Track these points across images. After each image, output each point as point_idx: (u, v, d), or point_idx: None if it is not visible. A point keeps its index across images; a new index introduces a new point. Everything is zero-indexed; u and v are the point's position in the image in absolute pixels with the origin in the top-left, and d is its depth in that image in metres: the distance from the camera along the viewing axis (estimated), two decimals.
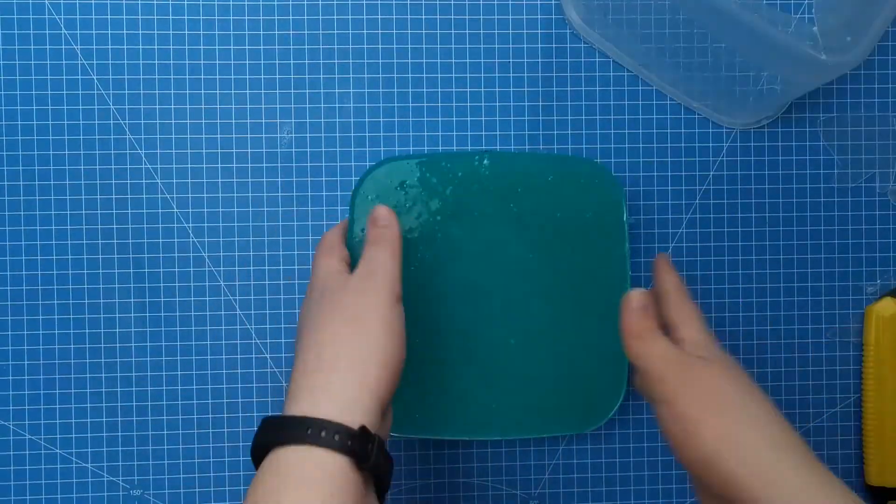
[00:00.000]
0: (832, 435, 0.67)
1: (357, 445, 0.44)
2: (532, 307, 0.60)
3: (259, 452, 0.46)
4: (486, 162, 0.60)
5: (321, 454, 0.44)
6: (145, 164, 0.63)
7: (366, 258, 0.53)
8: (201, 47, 0.63)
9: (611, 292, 0.59)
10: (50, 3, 0.62)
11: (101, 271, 0.63)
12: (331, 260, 0.54)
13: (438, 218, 0.60)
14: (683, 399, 0.47)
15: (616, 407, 0.61)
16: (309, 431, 0.44)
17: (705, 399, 0.47)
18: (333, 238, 0.57)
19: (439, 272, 0.60)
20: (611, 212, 0.61)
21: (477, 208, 0.60)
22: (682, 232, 0.66)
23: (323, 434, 0.44)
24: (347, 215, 0.61)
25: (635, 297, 0.51)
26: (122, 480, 0.63)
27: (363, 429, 0.45)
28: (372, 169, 0.60)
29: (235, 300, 0.64)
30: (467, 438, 0.61)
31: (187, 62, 0.63)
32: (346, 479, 0.44)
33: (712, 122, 0.66)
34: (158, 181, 0.63)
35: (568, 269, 0.61)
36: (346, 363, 0.47)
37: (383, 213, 0.55)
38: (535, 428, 0.61)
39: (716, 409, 0.47)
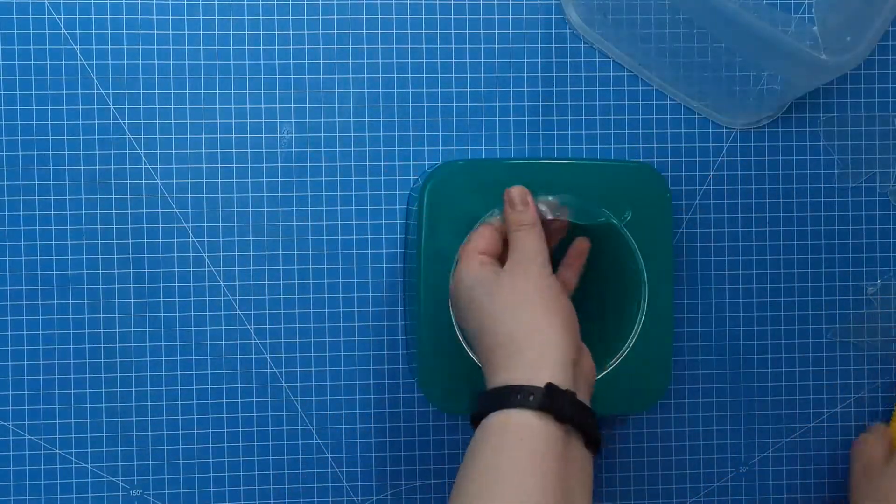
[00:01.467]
0: (832, 435, 0.67)
1: (548, 401, 0.50)
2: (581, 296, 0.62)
3: (476, 420, 0.52)
4: (547, 171, 0.61)
5: (520, 413, 0.50)
6: (145, 164, 0.63)
7: (515, 245, 0.56)
8: (201, 47, 0.63)
9: (656, 286, 0.61)
10: (50, 4, 0.62)
11: (101, 271, 0.63)
12: (472, 262, 0.56)
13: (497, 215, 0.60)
14: None
15: (664, 392, 0.63)
16: (507, 398, 0.50)
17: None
18: (468, 247, 0.57)
19: None
20: (659, 210, 0.61)
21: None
22: (682, 232, 0.66)
23: (518, 397, 0.50)
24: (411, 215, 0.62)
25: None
26: (122, 480, 0.63)
27: (549, 386, 0.50)
28: (435, 170, 0.61)
29: (235, 300, 0.64)
30: None
31: (187, 62, 0.63)
32: (547, 432, 0.49)
33: (712, 122, 0.66)
34: (158, 181, 0.63)
35: (617, 264, 0.62)
36: (525, 340, 0.52)
37: (518, 194, 0.57)
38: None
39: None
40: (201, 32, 0.63)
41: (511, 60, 0.65)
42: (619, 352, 0.61)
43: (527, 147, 0.65)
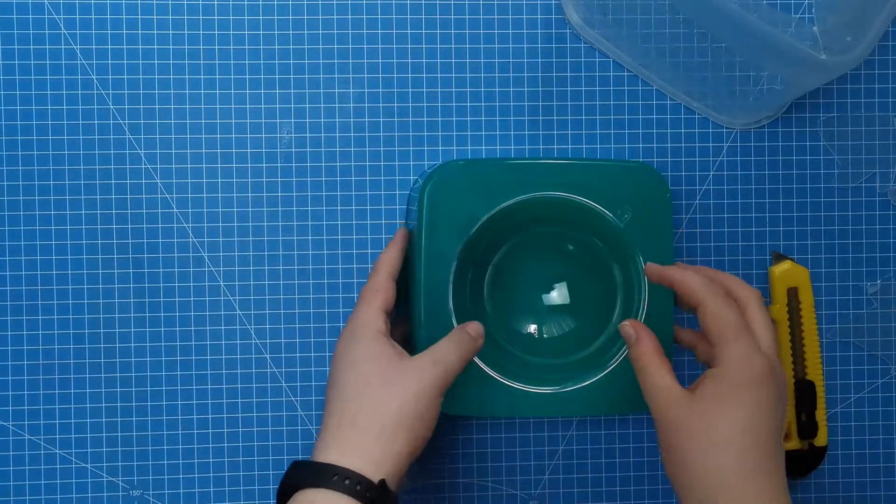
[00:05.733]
0: (833, 435, 0.67)
1: (375, 496, 0.49)
2: (585, 295, 0.64)
3: (287, 490, 0.51)
4: (548, 171, 0.61)
5: (342, 499, 0.49)
6: (145, 164, 0.63)
7: (433, 350, 0.54)
8: (201, 47, 0.63)
9: (656, 286, 0.60)
10: (50, 3, 0.62)
11: (101, 271, 0.63)
12: (371, 310, 0.55)
13: (503, 216, 0.60)
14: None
15: None
16: (335, 478, 0.49)
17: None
18: (380, 281, 0.57)
19: (505, 266, 0.63)
20: (659, 210, 0.61)
21: (535, 212, 0.61)
22: (682, 232, 0.66)
23: (347, 482, 0.49)
24: (408, 218, 0.62)
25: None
26: (122, 480, 0.63)
27: (382, 482, 0.50)
28: (435, 170, 0.60)
29: (235, 300, 0.64)
30: (540, 417, 0.65)
31: (187, 62, 0.63)
32: None
33: (712, 122, 0.66)
34: (158, 181, 0.63)
35: (617, 264, 0.62)
36: (377, 428, 0.51)
37: (477, 329, 0.56)
38: (593, 408, 0.64)
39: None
40: (201, 32, 0.63)
41: (511, 60, 0.65)
42: (619, 352, 0.61)
43: (527, 147, 0.65)
